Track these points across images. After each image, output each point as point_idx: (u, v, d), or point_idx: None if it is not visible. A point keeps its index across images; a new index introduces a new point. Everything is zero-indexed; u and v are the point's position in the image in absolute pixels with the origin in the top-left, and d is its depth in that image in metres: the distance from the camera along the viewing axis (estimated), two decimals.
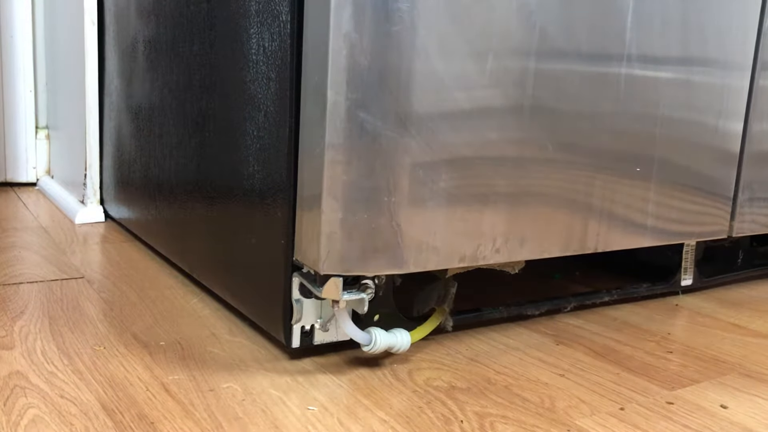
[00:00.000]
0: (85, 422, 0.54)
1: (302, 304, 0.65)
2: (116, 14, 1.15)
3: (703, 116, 0.82)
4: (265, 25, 0.66)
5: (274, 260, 0.66)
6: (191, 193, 0.86)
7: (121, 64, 1.13)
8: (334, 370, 0.66)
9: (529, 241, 0.71)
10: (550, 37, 0.67)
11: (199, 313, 0.80)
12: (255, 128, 0.69)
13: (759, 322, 0.86)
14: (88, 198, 1.27)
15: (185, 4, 0.86)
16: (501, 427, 0.56)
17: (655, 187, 0.80)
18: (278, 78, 0.64)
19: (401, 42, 0.59)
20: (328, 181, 0.59)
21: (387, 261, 0.62)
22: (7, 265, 0.95)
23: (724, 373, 0.70)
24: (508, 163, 0.68)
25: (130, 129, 1.11)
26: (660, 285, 0.93)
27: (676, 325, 0.84)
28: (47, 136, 1.61)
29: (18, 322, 0.75)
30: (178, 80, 0.89)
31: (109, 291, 0.86)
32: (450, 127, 0.63)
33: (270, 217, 0.67)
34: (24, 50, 1.56)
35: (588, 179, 0.74)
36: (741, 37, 0.83)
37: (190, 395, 0.60)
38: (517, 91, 0.67)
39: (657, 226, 0.81)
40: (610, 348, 0.75)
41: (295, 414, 0.57)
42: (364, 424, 0.56)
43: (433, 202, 0.63)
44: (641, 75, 0.75)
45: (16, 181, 1.60)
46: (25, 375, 0.62)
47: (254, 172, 0.69)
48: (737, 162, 0.87)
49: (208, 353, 0.69)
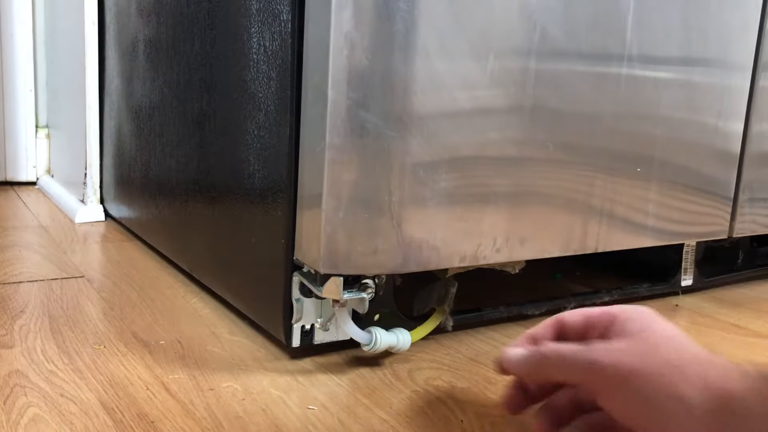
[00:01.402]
0: (85, 421, 0.54)
1: (302, 304, 0.65)
2: (117, 13, 1.15)
3: (703, 116, 0.82)
4: (266, 24, 0.66)
5: (274, 259, 0.66)
6: (191, 192, 0.86)
7: (121, 63, 1.13)
8: (335, 369, 0.66)
9: (529, 241, 0.71)
10: (550, 37, 0.67)
11: (199, 312, 0.80)
12: (255, 127, 0.69)
13: (759, 322, 0.86)
14: (88, 197, 1.27)
15: (186, 4, 0.86)
16: (501, 428, 0.56)
17: (655, 187, 0.80)
18: (279, 77, 0.64)
19: (402, 41, 0.59)
20: (329, 180, 0.59)
21: (387, 260, 0.62)
22: (7, 264, 0.95)
23: None
24: (508, 163, 0.68)
25: (130, 128, 1.11)
26: (660, 285, 0.93)
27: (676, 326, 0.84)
28: (47, 135, 1.61)
29: (18, 321, 0.74)
30: (178, 79, 0.89)
31: (109, 290, 0.86)
32: (451, 127, 0.63)
33: (270, 216, 0.67)
34: (24, 50, 1.56)
35: (588, 179, 0.74)
36: (741, 37, 0.83)
37: (190, 394, 0.60)
38: (517, 91, 0.67)
39: (657, 226, 0.81)
40: None
41: (295, 413, 0.57)
42: (364, 424, 0.56)
43: (434, 202, 0.63)
44: (642, 75, 0.75)
45: (16, 180, 1.60)
46: (25, 374, 0.62)
47: (254, 171, 0.69)
48: (737, 162, 0.87)
49: (208, 352, 0.69)
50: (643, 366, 0.42)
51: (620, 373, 0.43)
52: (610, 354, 0.44)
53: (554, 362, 0.47)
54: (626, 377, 0.43)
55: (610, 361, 0.43)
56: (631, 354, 0.43)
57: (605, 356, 0.44)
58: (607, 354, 0.44)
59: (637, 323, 0.46)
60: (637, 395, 0.42)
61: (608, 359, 0.43)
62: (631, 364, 0.43)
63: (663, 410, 0.41)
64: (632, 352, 0.43)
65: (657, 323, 0.46)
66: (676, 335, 0.45)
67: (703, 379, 0.41)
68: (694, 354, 0.43)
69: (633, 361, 0.43)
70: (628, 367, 0.43)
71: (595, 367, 0.44)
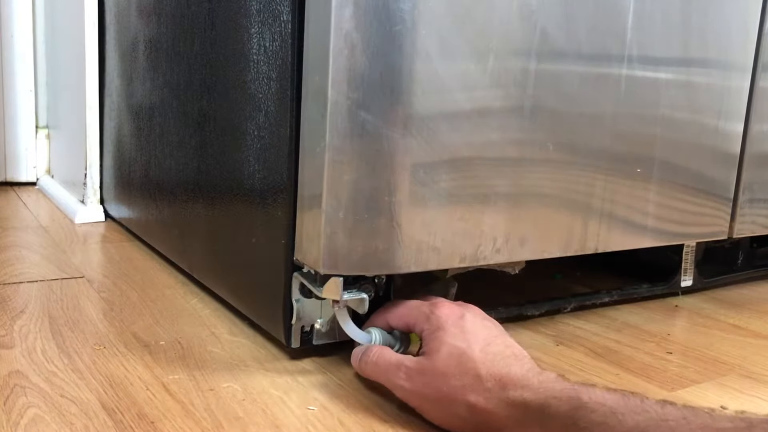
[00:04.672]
0: (85, 421, 0.54)
1: (302, 304, 0.65)
2: (117, 14, 1.15)
3: (703, 117, 0.82)
4: (266, 24, 0.66)
5: (274, 260, 0.66)
6: (191, 192, 0.86)
7: (121, 64, 1.13)
8: (334, 370, 0.66)
9: (529, 242, 0.71)
10: (550, 38, 0.67)
11: (199, 312, 0.80)
12: (255, 128, 0.69)
13: (759, 322, 0.86)
14: (88, 197, 1.27)
15: (186, 4, 0.86)
16: None
17: (655, 188, 0.80)
18: (279, 78, 0.64)
19: (402, 42, 0.59)
20: (329, 180, 0.59)
21: (387, 261, 0.62)
22: (7, 265, 0.95)
23: (724, 374, 0.70)
24: (508, 164, 0.68)
25: (130, 129, 1.10)
26: (660, 286, 0.93)
27: (676, 326, 0.84)
28: (47, 135, 1.61)
29: (18, 321, 0.74)
30: (178, 80, 0.89)
31: (109, 290, 0.86)
32: (451, 127, 0.63)
33: (270, 216, 0.67)
34: (24, 50, 1.56)
35: (588, 180, 0.74)
36: (741, 37, 0.83)
37: (190, 395, 0.59)
38: (517, 92, 0.67)
39: (657, 226, 0.81)
40: (609, 348, 0.75)
41: (295, 414, 0.57)
42: (364, 424, 0.56)
43: (434, 202, 0.63)
44: (642, 76, 0.75)
45: (16, 180, 1.60)
46: (25, 374, 0.62)
47: (255, 171, 0.69)
48: (737, 163, 0.87)
49: (208, 353, 0.69)
50: (431, 391, 0.55)
51: (415, 396, 0.56)
52: (409, 380, 0.56)
53: (372, 371, 0.60)
54: (420, 400, 0.56)
55: (409, 386, 0.56)
56: (423, 379, 0.55)
57: (406, 381, 0.56)
58: (407, 379, 0.56)
59: (432, 338, 0.56)
60: (428, 410, 0.56)
61: (408, 384, 0.56)
62: (421, 390, 0.55)
63: (447, 419, 0.55)
64: (424, 376, 0.55)
65: (449, 336, 0.56)
66: (463, 349, 0.54)
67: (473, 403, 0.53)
68: (474, 375, 0.53)
69: (423, 387, 0.55)
70: (420, 392, 0.55)
71: (398, 388, 0.57)
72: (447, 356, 0.54)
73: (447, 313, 0.58)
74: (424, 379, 0.55)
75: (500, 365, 0.53)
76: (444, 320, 0.57)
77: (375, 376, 0.60)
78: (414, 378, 0.56)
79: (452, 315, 0.57)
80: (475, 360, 0.53)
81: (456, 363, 0.54)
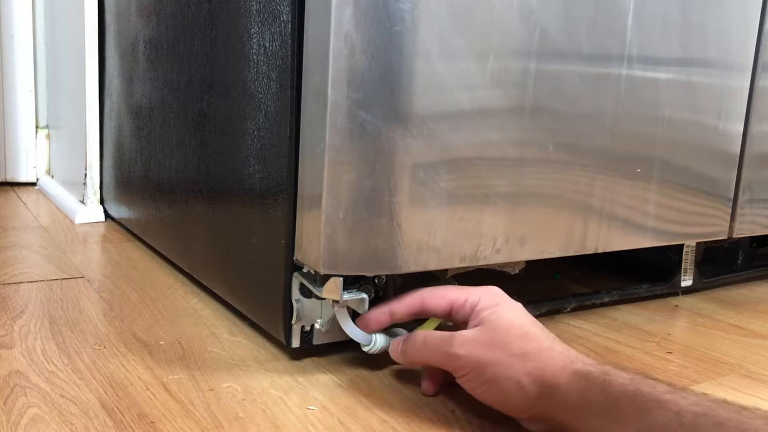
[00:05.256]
0: (85, 421, 0.54)
1: (302, 304, 0.65)
2: (117, 14, 1.15)
3: (703, 117, 0.82)
4: (266, 24, 0.66)
5: (274, 260, 0.66)
6: (191, 192, 0.86)
7: (121, 64, 1.13)
8: (334, 370, 0.66)
9: (529, 242, 0.71)
10: (550, 38, 0.67)
11: (199, 312, 0.80)
12: (255, 128, 0.69)
13: (759, 323, 0.86)
14: (88, 198, 1.27)
15: (186, 4, 0.86)
16: (501, 427, 0.56)
17: (655, 188, 0.80)
18: (279, 78, 0.64)
19: (402, 42, 0.59)
20: (329, 180, 0.59)
21: (387, 261, 0.62)
22: (7, 265, 0.95)
23: (724, 374, 0.70)
24: (508, 164, 0.68)
25: (130, 129, 1.11)
26: (660, 286, 0.93)
27: (676, 326, 0.84)
28: (47, 135, 1.61)
29: (18, 321, 0.74)
30: (178, 80, 0.89)
31: (109, 290, 0.86)
32: (451, 128, 0.63)
33: (270, 216, 0.67)
34: (24, 50, 1.56)
35: (588, 180, 0.74)
36: (741, 38, 0.83)
37: (191, 395, 0.60)
38: (517, 92, 0.67)
39: (657, 226, 0.81)
40: (610, 348, 0.75)
41: (295, 414, 0.57)
42: (364, 424, 0.56)
43: (434, 202, 0.63)
44: (642, 76, 0.75)
45: (16, 180, 1.60)
46: (25, 374, 0.62)
47: (255, 171, 0.69)
48: (737, 163, 0.87)
49: (208, 353, 0.69)
50: (489, 356, 0.54)
51: (471, 361, 0.55)
52: (464, 346, 0.55)
53: (422, 352, 0.59)
54: (476, 365, 0.55)
55: (464, 352, 0.55)
56: (481, 345, 0.55)
57: (460, 347, 0.55)
58: (461, 345, 0.55)
59: (490, 312, 0.57)
60: (484, 378, 0.55)
61: (462, 350, 0.55)
62: (480, 354, 0.55)
63: (504, 390, 0.54)
64: (483, 342, 0.55)
65: (507, 311, 0.57)
66: (524, 324, 0.56)
67: (540, 371, 0.52)
68: (536, 345, 0.54)
69: (482, 351, 0.55)
70: (477, 357, 0.55)
71: (453, 357, 0.56)
72: (508, 325, 0.55)
73: (499, 293, 0.60)
74: (482, 345, 0.55)
75: (560, 343, 0.55)
76: (502, 298, 0.59)
77: (423, 356, 0.59)
78: (470, 344, 0.55)
79: (503, 294, 0.60)
80: (537, 334, 0.55)
81: (518, 333, 0.55)
